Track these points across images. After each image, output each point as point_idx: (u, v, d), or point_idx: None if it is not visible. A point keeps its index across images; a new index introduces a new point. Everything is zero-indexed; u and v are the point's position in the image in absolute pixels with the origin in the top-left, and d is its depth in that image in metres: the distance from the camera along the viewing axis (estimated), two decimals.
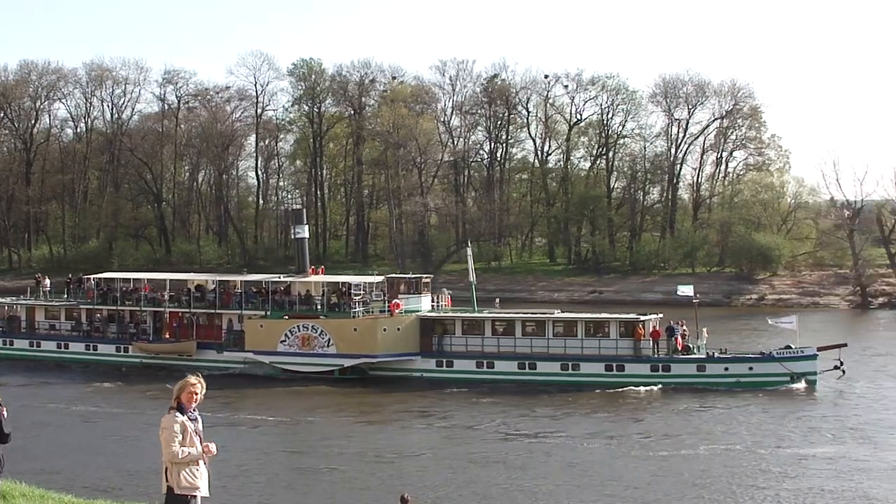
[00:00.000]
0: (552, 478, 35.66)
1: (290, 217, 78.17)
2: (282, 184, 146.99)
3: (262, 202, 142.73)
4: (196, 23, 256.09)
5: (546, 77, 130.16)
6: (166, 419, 12.10)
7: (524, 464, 37.90)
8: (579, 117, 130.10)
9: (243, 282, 63.80)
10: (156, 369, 59.29)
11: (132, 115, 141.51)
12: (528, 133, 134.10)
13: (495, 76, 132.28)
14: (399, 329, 57.39)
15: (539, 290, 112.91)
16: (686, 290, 57.84)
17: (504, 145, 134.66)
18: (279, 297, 61.09)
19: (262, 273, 75.44)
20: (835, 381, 52.72)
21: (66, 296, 69.08)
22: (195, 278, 68.11)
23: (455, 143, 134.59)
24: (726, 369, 53.35)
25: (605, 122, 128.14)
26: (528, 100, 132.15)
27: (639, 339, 54.31)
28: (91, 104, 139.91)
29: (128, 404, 50.86)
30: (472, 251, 66.04)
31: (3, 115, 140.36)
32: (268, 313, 60.06)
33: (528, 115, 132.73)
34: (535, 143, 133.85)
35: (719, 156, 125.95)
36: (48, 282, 71.46)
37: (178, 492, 12.11)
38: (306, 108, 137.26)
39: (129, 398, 52.73)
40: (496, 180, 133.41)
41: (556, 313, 59.30)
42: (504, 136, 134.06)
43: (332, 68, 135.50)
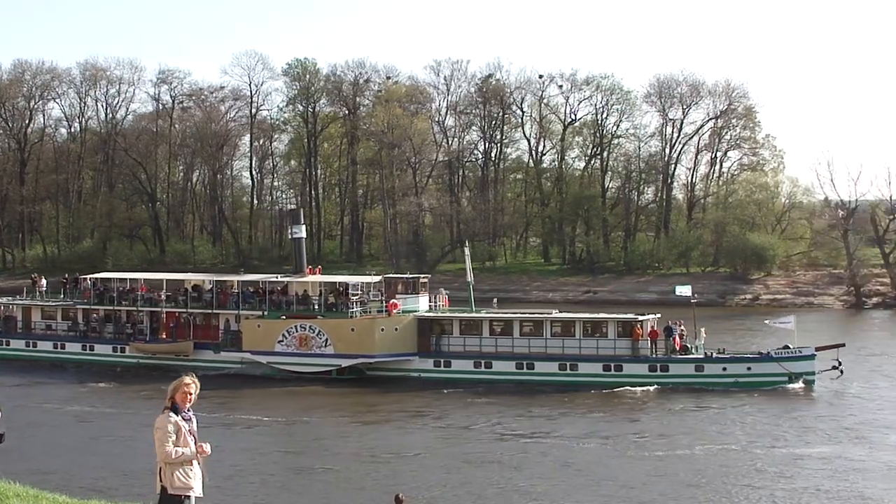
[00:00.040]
0: (547, 478, 35.65)
1: (287, 217, 78.21)
2: (276, 184, 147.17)
3: (256, 202, 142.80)
4: (190, 23, 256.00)
5: (540, 77, 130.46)
6: (160, 419, 12.13)
7: (519, 464, 37.85)
8: (574, 117, 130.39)
9: (240, 282, 63.62)
10: (152, 369, 58.96)
11: (126, 115, 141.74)
12: (523, 133, 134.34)
13: (490, 76, 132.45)
14: (397, 329, 57.22)
15: (533, 290, 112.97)
16: (684, 290, 57.77)
17: (498, 145, 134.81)
18: (276, 297, 60.92)
19: (257, 273, 75.29)
20: (833, 382, 52.72)
21: (62, 296, 69.00)
22: (192, 278, 67.87)
23: (449, 142, 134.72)
24: (724, 369, 53.25)
25: (599, 122, 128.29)
26: (523, 100, 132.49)
27: (637, 340, 54.17)
28: (85, 104, 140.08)
29: (123, 404, 50.73)
30: (468, 251, 66.02)
31: None
32: (265, 313, 59.87)
33: (523, 115, 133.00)
34: (529, 143, 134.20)
35: (714, 156, 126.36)
36: (44, 282, 71.32)
37: (171, 492, 12.15)
38: (301, 108, 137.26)
39: (125, 398, 52.59)
40: (491, 180, 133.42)
41: (554, 313, 59.05)
42: (498, 136, 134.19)
43: (326, 68, 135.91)
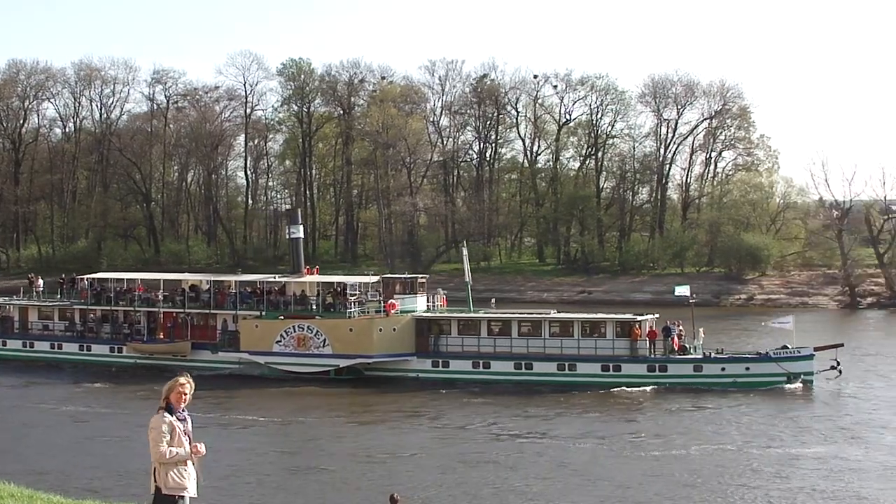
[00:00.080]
0: (543, 478, 35.65)
1: (285, 217, 78.08)
2: (271, 184, 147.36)
3: (251, 202, 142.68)
4: (185, 23, 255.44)
5: (535, 77, 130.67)
6: (155, 419, 12.17)
7: (515, 464, 37.85)
8: (568, 117, 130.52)
9: (238, 282, 63.56)
10: (150, 370, 58.79)
11: (121, 115, 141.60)
12: (518, 133, 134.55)
13: (484, 76, 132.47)
14: (395, 329, 57.17)
15: (528, 290, 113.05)
16: (683, 290, 57.67)
17: (493, 145, 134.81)
18: (274, 298, 60.88)
19: (253, 273, 75.21)
20: (830, 382, 52.82)
21: (59, 296, 68.93)
22: (189, 278, 67.81)
23: (444, 143, 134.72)
24: (723, 369, 53.26)
25: (594, 122, 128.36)
26: (518, 100, 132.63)
27: (635, 340, 54.14)
28: (80, 104, 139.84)
29: (119, 405, 50.66)
30: (466, 251, 66.06)
31: None
32: (263, 313, 59.82)
33: (518, 116, 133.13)
34: (524, 143, 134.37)
35: (708, 156, 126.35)
36: (41, 282, 71.18)
37: (165, 492, 12.18)
38: (295, 108, 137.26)
39: (121, 398, 52.50)
40: (485, 180, 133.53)
41: (553, 313, 59.00)
42: (493, 136, 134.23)
43: (321, 68, 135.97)
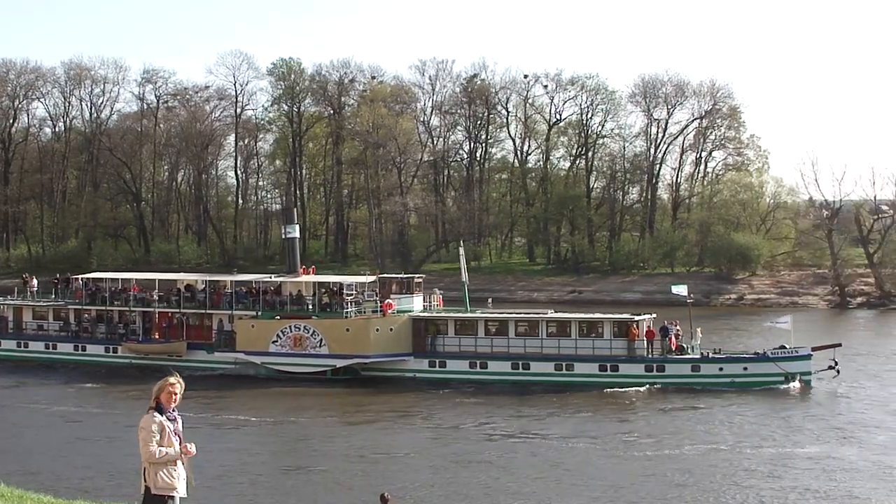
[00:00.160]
0: (536, 478, 35.64)
1: (276, 217, 77.92)
2: (261, 183, 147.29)
3: (241, 202, 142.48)
4: (175, 22, 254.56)
5: (525, 77, 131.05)
6: (144, 419, 12.21)
7: (508, 464, 37.82)
8: (559, 117, 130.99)
9: (233, 282, 63.34)
10: (144, 370, 58.53)
11: (111, 115, 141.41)
12: (508, 133, 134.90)
13: (475, 76, 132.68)
14: (392, 329, 57.12)
15: (519, 289, 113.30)
16: (680, 289, 57.55)
17: (483, 145, 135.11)
18: (270, 297, 60.83)
19: (243, 273, 75.13)
20: (828, 382, 52.90)
21: (53, 296, 68.71)
22: (185, 278, 67.73)
23: (434, 142, 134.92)
24: (721, 369, 53.29)
25: (584, 122, 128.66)
26: (508, 100, 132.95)
27: (633, 340, 54.18)
28: (70, 103, 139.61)
29: (111, 405, 50.54)
30: (463, 251, 66.04)
31: None
32: (259, 313, 59.75)
33: (508, 115, 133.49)
34: (514, 143, 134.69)
35: (698, 156, 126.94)
36: (35, 282, 70.91)
37: (154, 492, 12.22)
38: (286, 108, 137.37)
39: (113, 399, 52.40)
40: (476, 180, 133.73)
41: (550, 313, 58.89)
42: (483, 136, 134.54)
43: (311, 68, 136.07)
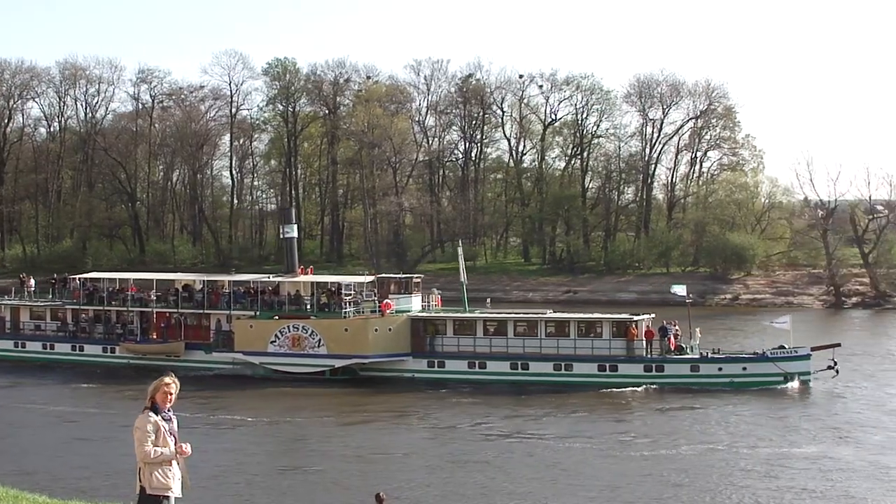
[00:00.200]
0: (532, 478, 35.62)
1: (271, 216, 77.82)
2: (256, 183, 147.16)
3: (236, 202, 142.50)
4: (170, 22, 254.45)
5: (521, 77, 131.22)
6: (139, 419, 12.22)
7: (504, 464, 37.79)
8: (554, 117, 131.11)
9: (231, 282, 63.26)
10: (142, 370, 58.21)
11: (106, 115, 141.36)
12: (503, 133, 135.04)
13: (470, 76, 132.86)
14: (390, 329, 57.04)
15: (514, 289, 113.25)
16: (679, 289, 57.43)
17: (479, 145, 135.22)
18: (268, 297, 60.71)
19: (239, 273, 75.01)
20: (827, 382, 52.90)
21: (51, 296, 68.64)
22: (182, 278, 67.54)
23: (430, 142, 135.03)
24: (720, 369, 53.28)
25: (579, 121, 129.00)
26: (503, 100, 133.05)
27: (632, 340, 54.16)
28: (65, 103, 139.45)
29: (108, 405, 50.44)
30: (462, 251, 66.09)
31: None
32: (257, 313, 59.66)
33: (503, 115, 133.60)
34: (509, 143, 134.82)
35: (693, 156, 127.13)
36: (33, 282, 70.79)
37: (150, 492, 12.23)
38: (281, 108, 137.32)
39: (110, 399, 52.31)
40: (471, 180, 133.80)
41: (549, 313, 58.84)
42: (479, 136, 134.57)
43: (306, 68, 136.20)
